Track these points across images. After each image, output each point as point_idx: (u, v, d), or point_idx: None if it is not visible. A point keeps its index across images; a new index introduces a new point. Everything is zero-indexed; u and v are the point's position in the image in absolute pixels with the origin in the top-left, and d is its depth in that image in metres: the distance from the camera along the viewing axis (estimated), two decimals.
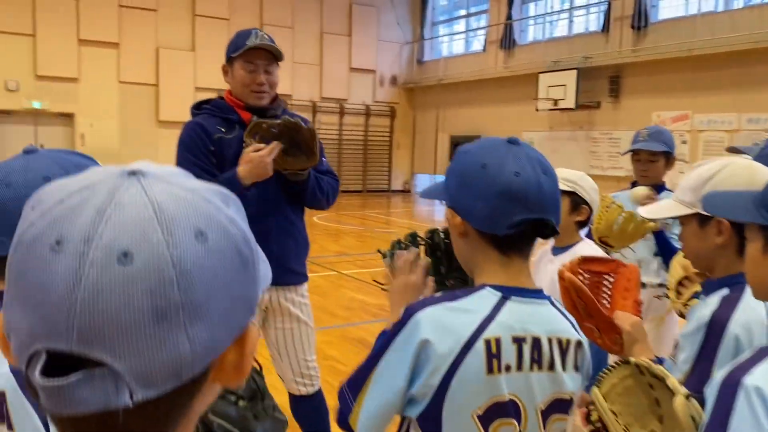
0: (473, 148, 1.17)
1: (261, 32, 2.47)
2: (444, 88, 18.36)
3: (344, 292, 6.53)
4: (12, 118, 15.06)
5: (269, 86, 2.48)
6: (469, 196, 1.11)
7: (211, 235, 0.49)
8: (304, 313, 2.61)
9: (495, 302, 1.10)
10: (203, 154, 2.39)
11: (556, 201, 1.13)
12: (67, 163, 0.99)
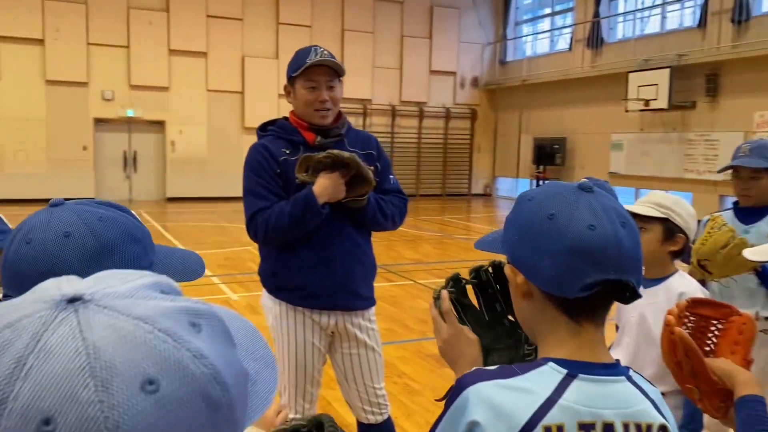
0: (538, 194, 1.00)
1: (321, 48, 2.40)
2: (527, 88, 17.88)
3: (420, 303, 6.39)
4: (108, 126, 15.88)
5: (332, 103, 2.41)
6: (534, 252, 0.96)
7: (164, 383, 0.40)
8: (372, 339, 2.54)
9: (558, 381, 0.93)
10: (270, 176, 2.36)
11: (637, 259, 0.97)
12: (90, 217, 0.94)
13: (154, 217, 13.02)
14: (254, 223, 2.34)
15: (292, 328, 2.42)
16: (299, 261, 2.37)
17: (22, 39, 14.68)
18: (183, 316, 0.44)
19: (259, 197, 2.34)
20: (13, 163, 14.96)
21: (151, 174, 16.40)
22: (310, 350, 2.43)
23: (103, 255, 0.91)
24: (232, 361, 0.46)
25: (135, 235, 0.98)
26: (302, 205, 2.26)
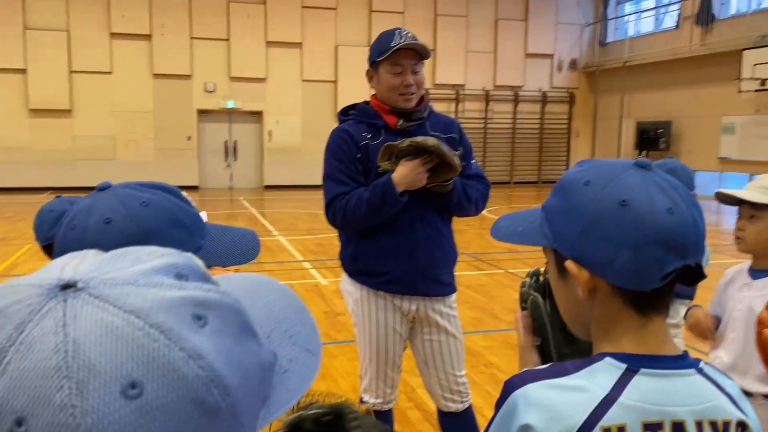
0: (594, 177, 0.88)
1: (404, 31, 2.33)
2: (630, 70, 17.03)
3: (510, 293, 6.23)
4: (210, 117, 16.58)
5: (417, 86, 2.36)
6: (607, 245, 0.84)
7: (149, 387, 0.35)
8: (453, 325, 2.50)
9: (617, 377, 0.84)
10: (350, 161, 2.35)
11: (704, 239, 0.88)
12: (133, 202, 0.93)
13: (252, 204, 13.48)
14: (332, 209, 2.33)
15: (374, 312, 2.41)
16: (380, 246, 2.36)
17: (132, 35, 15.57)
18: (186, 307, 0.39)
19: (338, 182, 2.33)
20: (124, 153, 15.94)
21: (250, 163, 16.99)
22: (391, 335, 2.41)
23: (144, 241, 0.89)
24: (242, 356, 0.41)
25: (179, 219, 0.96)
26: (380, 193, 2.24)
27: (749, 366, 1.91)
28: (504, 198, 15.44)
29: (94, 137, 15.65)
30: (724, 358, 1.99)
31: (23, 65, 15.05)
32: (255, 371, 0.42)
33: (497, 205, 13.89)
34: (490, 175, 17.24)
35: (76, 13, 15.22)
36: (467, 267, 7.41)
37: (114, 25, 15.41)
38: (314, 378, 0.50)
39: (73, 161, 15.55)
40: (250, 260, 1.04)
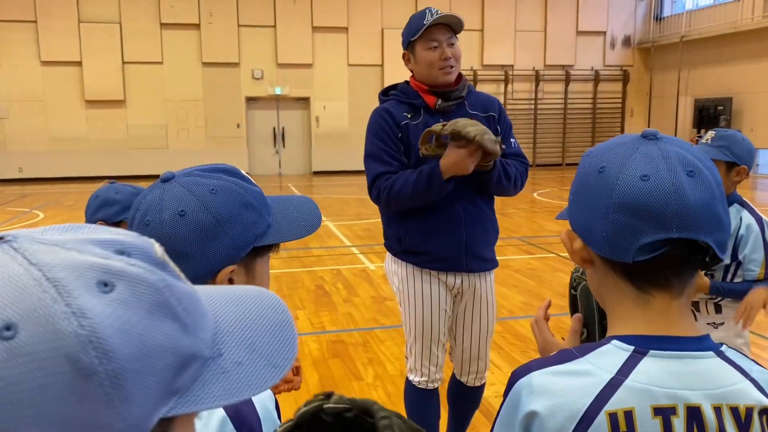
0: (598, 149, 0.87)
1: (434, 9, 2.35)
2: (688, 45, 16.36)
3: (561, 277, 6.08)
4: (258, 104, 16.74)
5: (455, 60, 2.36)
6: (587, 211, 0.83)
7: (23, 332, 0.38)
8: (490, 301, 2.54)
9: (624, 359, 0.80)
10: (391, 140, 2.37)
11: (713, 215, 0.78)
12: (202, 191, 0.94)
13: (301, 190, 13.58)
14: (376, 187, 2.35)
15: (419, 290, 2.44)
16: (424, 226, 2.39)
17: (181, 24, 15.81)
18: (94, 272, 0.40)
19: (380, 161, 2.36)
20: (176, 141, 16.27)
21: (298, 149, 17.11)
22: (436, 311, 2.44)
23: (219, 228, 0.92)
24: (145, 333, 0.41)
25: (248, 201, 0.97)
26: (427, 179, 2.26)
27: None
28: (556, 180, 15.11)
29: (147, 126, 16.02)
30: None
31: (78, 58, 15.48)
32: (163, 353, 0.42)
33: (549, 188, 13.60)
34: (541, 158, 16.90)
35: (127, 5, 15.53)
36: (516, 251, 7.27)
37: (164, 15, 15.67)
38: (265, 388, 0.48)
39: (128, 150, 15.96)
40: (316, 228, 1.06)
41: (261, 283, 0.99)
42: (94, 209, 2.05)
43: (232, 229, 0.93)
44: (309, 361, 4.02)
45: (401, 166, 2.35)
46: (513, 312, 5.00)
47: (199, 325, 0.46)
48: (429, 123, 2.34)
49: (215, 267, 0.92)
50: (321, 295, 5.53)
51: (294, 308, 5.16)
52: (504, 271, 6.29)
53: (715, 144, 2.25)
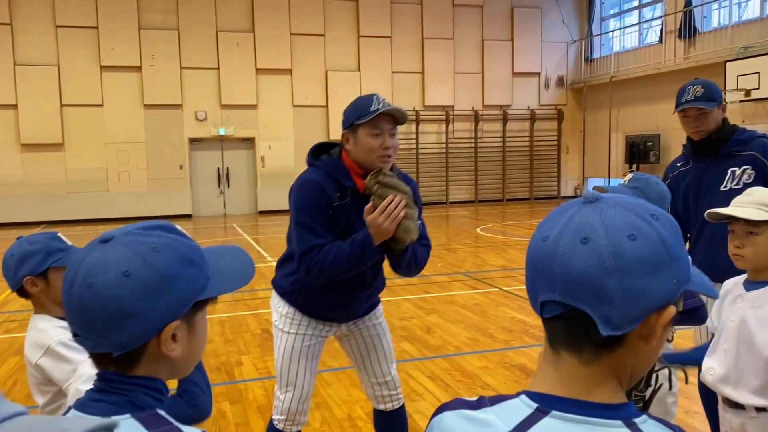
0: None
1: (381, 97, 2.42)
2: (617, 85, 17.22)
3: (505, 311, 6.24)
4: (202, 145, 16.65)
5: (393, 150, 2.44)
6: None
7: None
8: (378, 328, 2.71)
9: (526, 416, 0.79)
10: (324, 215, 2.42)
11: (594, 284, 0.75)
12: (144, 249, 0.94)
13: (246, 231, 13.49)
14: (308, 260, 2.37)
15: (295, 326, 2.57)
16: (318, 297, 2.52)
17: (122, 67, 15.67)
18: None
19: (314, 233, 2.38)
20: (117, 184, 15.96)
21: (243, 189, 17.03)
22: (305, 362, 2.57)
23: (164, 286, 0.93)
24: None
25: (189, 256, 0.98)
26: (360, 247, 2.33)
27: (741, 378, 1.92)
28: (498, 216, 15.49)
29: (86, 170, 15.68)
30: (717, 369, 2.00)
31: (14, 101, 15.11)
32: None
33: (491, 223, 13.93)
34: (483, 194, 17.33)
35: (66, 48, 15.33)
36: (462, 286, 7.43)
37: (104, 58, 15.52)
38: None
39: (66, 194, 15.55)
40: (252, 277, 1.08)
41: (201, 335, 1.02)
42: (15, 268, 1.95)
43: (176, 285, 0.94)
44: (254, 408, 3.99)
45: (333, 239, 2.40)
46: (460, 348, 5.10)
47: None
48: (353, 208, 2.41)
49: (161, 324, 0.94)
50: (266, 339, 5.50)
51: (238, 353, 5.12)
52: (450, 307, 6.42)
53: (630, 185, 2.42)
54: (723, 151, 2.96)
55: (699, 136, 2.98)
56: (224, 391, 4.25)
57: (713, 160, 2.99)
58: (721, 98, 2.98)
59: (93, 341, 0.93)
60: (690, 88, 2.95)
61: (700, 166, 3.03)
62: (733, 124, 3.03)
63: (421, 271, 2.56)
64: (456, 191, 18.31)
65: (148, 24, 15.80)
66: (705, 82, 3.00)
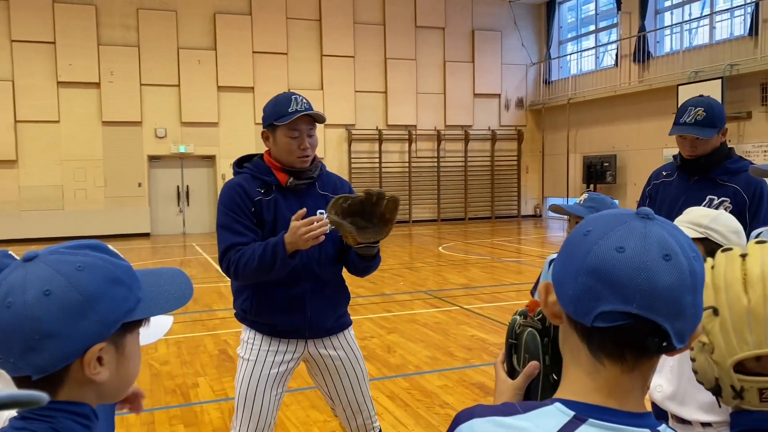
0: (594, 215, 0.90)
1: (300, 97, 2.44)
2: (574, 107, 17.63)
3: (465, 329, 6.27)
4: (161, 163, 16.41)
5: (312, 149, 2.47)
6: (564, 268, 0.86)
7: None
8: (349, 356, 2.59)
9: (563, 423, 0.81)
10: (245, 213, 2.41)
11: (677, 302, 0.79)
12: (68, 268, 0.90)
13: (206, 249, 13.30)
14: (227, 258, 2.36)
15: (255, 352, 2.47)
16: (269, 299, 2.43)
17: (79, 83, 15.40)
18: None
19: (233, 232, 2.38)
20: (73, 202, 15.59)
21: (204, 207, 16.82)
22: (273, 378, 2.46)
23: (87, 306, 0.90)
24: None
25: (117, 276, 0.95)
26: (272, 253, 2.29)
27: (687, 394, 1.95)
28: (459, 234, 15.61)
29: (41, 187, 15.28)
30: (665, 386, 2.03)
31: None
32: None
33: (453, 242, 14.02)
34: (445, 213, 17.45)
35: (21, 63, 15.00)
36: (423, 305, 7.44)
37: (61, 74, 15.23)
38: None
39: (19, 212, 15.12)
40: (188, 299, 1.04)
41: (132, 359, 0.99)
42: None
43: (101, 306, 0.90)
44: (210, 430, 3.92)
45: (255, 238, 2.38)
46: (419, 367, 5.09)
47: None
48: (280, 200, 2.41)
49: (84, 345, 0.90)
50: (224, 360, 5.41)
51: (195, 375, 5.01)
52: (411, 326, 6.42)
53: (585, 205, 2.48)
54: (709, 176, 2.88)
55: (692, 157, 2.89)
56: (179, 414, 4.15)
57: (697, 181, 2.91)
58: (723, 122, 2.81)
59: (12, 364, 0.89)
60: (692, 110, 2.79)
61: (683, 183, 2.95)
62: (730, 147, 2.92)
63: (373, 270, 2.54)
64: (419, 210, 18.41)
65: (107, 40, 15.59)
66: (708, 103, 2.83)
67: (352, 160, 17.55)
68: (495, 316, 6.78)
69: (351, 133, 17.52)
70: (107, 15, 15.62)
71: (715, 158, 2.85)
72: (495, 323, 6.45)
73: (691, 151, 2.86)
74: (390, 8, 17.84)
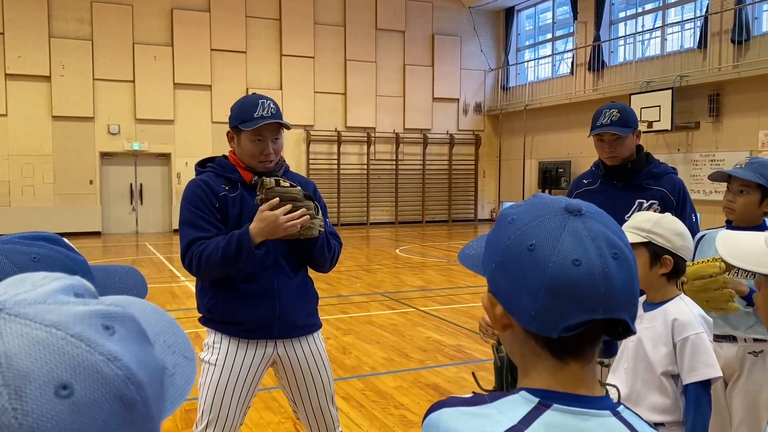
0: (520, 215, 0.86)
1: (267, 101, 2.40)
2: (531, 113, 17.93)
3: (421, 331, 6.30)
4: (114, 160, 16.03)
5: (275, 154, 2.45)
6: (514, 286, 0.83)
7: (78, 387, 0.43)
8: (319, 362, 2.53)
9: (528, 410, 0.82)
10: (208, 209, 2.37)
11: (632, 293, 0.83)
12: (22, 259, 0.87)
13: (159, 249, 13.04)
14: (189, 253, 2.32)
15: (222, 356, 2.39)
16: (236, 295, 2.37)
17: (29, 76, 14.92)
18: (96, 319, 0.47)
19: (196, 227, 2.34)
20: (20, 199, 15.08)
21: (158, 206, 16.49)
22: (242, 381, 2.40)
23: None
24: (146, 359, 0.49)
25: (72, 270, 0.90)
26: (236, 244, 2.24)
27: (640, 395, 2.00)
28: (417, 237, 15.68)
29: None
30: (620, 387, 2.08)
31: None
32: (157, 372, 0.50)
33: (410, 244, 14.08)
34: (403, 215, 17.48)
35: None
36: (380, 306, 7.44)
37: (9, 66, 14.73)
38: (194, 380, 0.60)
39: None
40: (142, 298, 1.01)
41: None
42: None
43: None
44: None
45: (218, 233, 2.33)
46: (375, 369, 5.09)
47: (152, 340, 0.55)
48: (246, 196, 2.38)
49: None
50: None
51: None
52: (367, 327, 6.41)
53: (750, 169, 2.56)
54: (634, 181, 2.96)
55: (612, 162, 2.96)
56: None
57: (623, 187, 2.98)
58: (636, 124, 2.96)
59: None
60: (606, 112, 2.91)
61: (609, 191, 3.00)
62: (647, 153, 3.03)
63: (333, 265, 2.51)
64: (377, 212, 18.43)
65: (59, 32, 15.15)
66: (621, 106, 2.97)
67: (310, 161, 17.46)
68: (451, 318, 6.83)
69: (310, 133, 17.44)
70: (60, 7, 15.18)
71: (638, 163, 2.96)
72: (450, 325, 6.50)
73: (610, 153, 2.94)
74: (351, 10, 17.84)
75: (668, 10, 14.66)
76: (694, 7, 13.94)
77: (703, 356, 1.89)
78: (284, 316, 2.40)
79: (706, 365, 1.87)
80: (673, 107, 13.05)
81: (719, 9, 12.69)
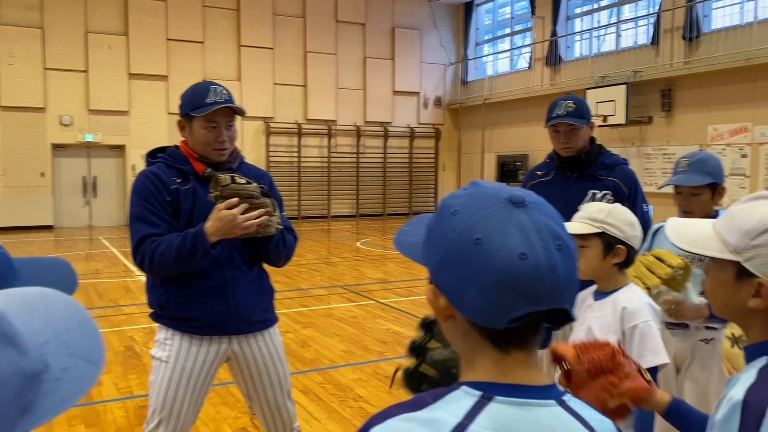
0: (463, 208, 0.85)
1: (219, 87, 2.34)
2: (490, 107, 18.09)
3: (381, 323, 6.32)
4: (66, 152, 15.59)
5: (230, 142, 2.39)
6: (458, 279, 0.82)
7: None
8: (272, 355, 2.48)
9: (471, 405, 0.80)
10: (159, 203, 2.30)
11: (573, 283, 0.83)
12: None
13: (113, 243, 12.75)
14: (141, 250, 2.25)
15: (174, 353, 2.33)
16: (188, 290, 2.31)
17: None
18: None
19: (147, 223, 2.27)
20: None
21: (112, 199, 16.11)
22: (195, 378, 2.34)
23: None
24: None
25: None
26: (191, 243, 2.19)
27: None
28: (378, 230, 15.70)
29: None
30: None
31: None
32: (10, 379, 0.44)
33: (371, 237, 14.09)
34: (364, 208, 17.50)
35: None
36: (340, 299, 7.43)
37: None
38: (91, 386, 0.52)
39: None
40: (72, 293, 0.96)
41: None
42: None
43: None
44: (113, 430, 3.76)
45: (170, 229, 2.28)
46: (334, 361, 5.08)
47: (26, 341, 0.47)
48: (198, 189, 2.33)
49: None
50: (130, 357, 5.21)
51: None
52: (327, 320, 6.40)
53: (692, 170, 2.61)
54: (588, 172, 3.01)
55: (567, 153, 3.01)
56: (80, 414, 3.96)
57: (576, 178, 3.03)
58: (590, 115, 3.02)
59: None
60: (562, 103, 2.96)
61: (563, 181, 3.05)
62: (600, 144, 3.09)
63: (289, 260, 2.47)
64: (337, 205, 18.38)
65: (7, 20, 14.62)
66: (576, 98, 3.03)
67: (270, 153, 17.29)
68: (410, 309, 6.87)
69: (269, 126, 17.26)
70: None
71: (591, 154, 3.04)
72: (410, 317, 6.53)
73: (566, 144, 2.99)
74: (310, 1, 17.68)
75: (623, 6, 14.95)
76: (647, 4, 14.26)
77: (651, 343, 1.93)
78: (238, 313, 2.35)
79: (654, 352, 1.92)
80: (627, 102, 13.34)
81: (671, 6, 13.00)
